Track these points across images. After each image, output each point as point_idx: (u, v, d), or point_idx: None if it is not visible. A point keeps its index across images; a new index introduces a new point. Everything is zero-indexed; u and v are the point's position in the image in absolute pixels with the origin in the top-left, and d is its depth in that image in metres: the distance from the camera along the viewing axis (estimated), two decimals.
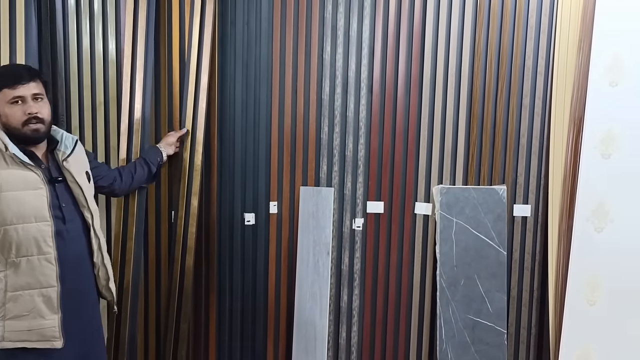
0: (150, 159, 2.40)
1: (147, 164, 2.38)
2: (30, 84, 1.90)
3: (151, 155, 2.42)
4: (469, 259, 2.60)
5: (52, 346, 1.89)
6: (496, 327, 2.59)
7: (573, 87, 2.56)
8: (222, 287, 2.67)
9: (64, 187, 1.98)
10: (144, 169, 2.38)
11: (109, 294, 2.15)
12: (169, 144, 2.47)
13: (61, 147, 2.00)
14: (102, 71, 2.51)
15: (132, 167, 2.36)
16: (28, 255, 1.87)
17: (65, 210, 1.95)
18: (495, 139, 2.63)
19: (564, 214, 2.55)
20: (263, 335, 2.73)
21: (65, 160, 1.99)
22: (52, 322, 1.89)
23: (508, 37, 2.59)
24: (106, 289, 2.13)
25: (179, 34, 2.54)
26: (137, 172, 2.36)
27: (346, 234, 2.71)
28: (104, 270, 2.09)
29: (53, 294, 1.90)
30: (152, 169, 2.40)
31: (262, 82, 2.61)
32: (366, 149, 2.67)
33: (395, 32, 2.62)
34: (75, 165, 2.02)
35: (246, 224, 2.66)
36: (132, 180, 2.35)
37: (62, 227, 1.93)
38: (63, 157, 1.99)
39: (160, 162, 2.44)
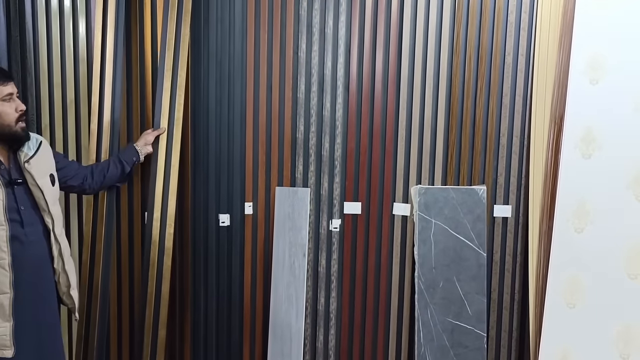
0: (124, 158, 2.34)
1: (120, 163, 2.33)
2: (12, 82, 1.89)
3: (126, 154, 2.36)
4: (447, 260, 2.55)
5: (2, 355, 1.83)
6: (476, 330, 2.54)
7: (554, 86, 2.50)
8: (196, 289, 2.62)
9: (24, 189, 1.92)
10: (117, 167, 2.32)
11: (70, 301, 2.08)
12: (147, 142, 2.41)
13: (24, 148, 1.94)
14: (72, 69, 2.48)
15: (106, 166, 2.31)
16: None
17: (24, 213, 1.89)
18: (474, 138, 2.58)
19: (544, 215, 2.50)
20: (239, 338, 2.68)
21: (27, 162, 1.92)
22: (4, 330, 1.83)
23: (487, 34, 2.54)
24: (67, 296, 2.06)
25: (151, 31, 2.50)
26: (109, 171, 2.30)
27: (323, 235, 2.65)
28: (64, 277, 2.02)
29: (5, 301, 1.84)
30: (125, 168, 2.35)
31: (236, 81, 2.56)
32: (343, 148, 2.61)
33: (372, 29, 2.57)
34: (37, 168, 1.95)
35: (221, 225, 2.61)
36: (104, 179, 2.30)
37: (20, 230, 1.87)
38: (25, 158, 1.92)
39: (135, 162, 2.39)
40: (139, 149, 2.39)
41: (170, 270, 2.46)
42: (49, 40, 2.45)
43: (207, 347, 2.65)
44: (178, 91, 2.42)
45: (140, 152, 2.39)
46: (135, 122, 2.53)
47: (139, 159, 2.39)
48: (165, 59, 2.41)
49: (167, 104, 2.43)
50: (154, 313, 2.44)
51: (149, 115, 2.53)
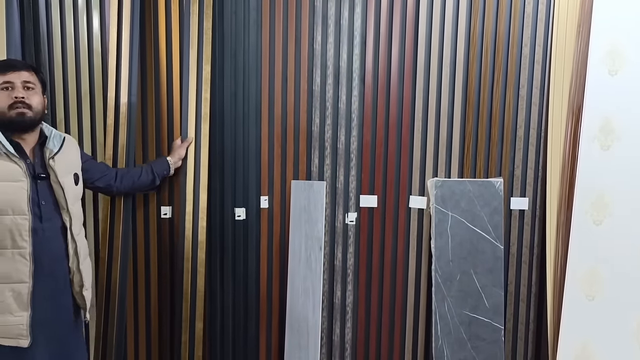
0: (157, 170, 2.38)
1: (153, 174, 2.37)
2: (22, 72, 1.89)
3: (159, 166, 2.39)
4: (464, 253, 2.54)
5: (18, 344, 1.84)
6: (493, 323, 2.53)
7: (571, 76, 2.48)
8: (212, 283, 2.61)
9: (46, 185, 1.93)
10: (148, 177, 2.36)
11: (82, 302, 2.06)
12: (181, 157, 2.45)
13: (49, 144, 1.96)
14: (86, 63, 2.46)
15: (137, 174, 2.34)
16: (2, 248, 1.83)
17: (44, 208, 1.90)
18: (491, 130, 2.56)
19: (562, 207, 2.48)
20: (255, 332, 2.68)
21: (52, 159, 1.94)
22: (21, 320, 1.85)
23: (504, 25, 2.51)
24: (79, 296, 2.05)
25: (165, 25, 2.47)
26: (140, 180, 2.34)
27: (339, 229, 2.64)
28: (78, 277, 2.02)
29: (24, 290, 1.85)
30: (156, 180, 2.39)
31: (251, 73, 2.55)
32: (359, 141, 2.60)
33: (388, 20, 2.54)
34: (61, 165, 1.97)
35: (237, 219, 2.60)
36: (133, 185, 2.33)
37: (39, 225, 1.88)
38: (50, 155, 1.94)
39: (166, 175, 2.42)
40: (171, 163, 2.42)
41: (204, 264, 2.47)
42: (62, 33, 2.43)
43: (224, 341, 2.65)
44: (204, 86, 2.42)
45: (172, 166, 2.42)
46: (150, 117, 2.52)
47: (169, 172, 2.43)
48: (190, 54, 2.40)
49: (194, 99, 2.43)
50: (191, 306, 2.46)
51: (163, 108, 2.51)
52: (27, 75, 1.90)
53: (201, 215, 2.46)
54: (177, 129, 2.51)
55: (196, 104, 2.45)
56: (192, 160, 2.46)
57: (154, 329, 2.61)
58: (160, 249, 2.58)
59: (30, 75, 1.92)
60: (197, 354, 2.48)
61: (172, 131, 2.52)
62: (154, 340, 2.62)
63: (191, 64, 2.43)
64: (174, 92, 2.50)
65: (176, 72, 2.50)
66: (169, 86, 2.50)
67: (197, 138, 2.46)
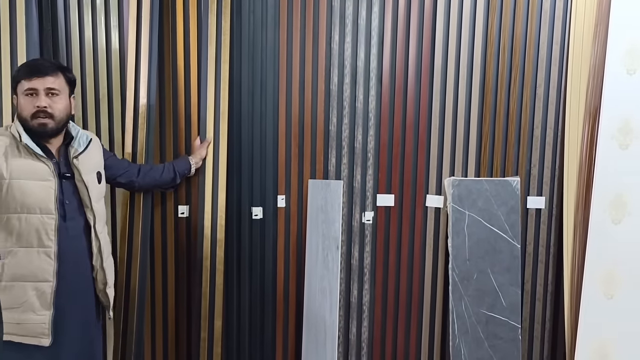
0: (179, 169, 2.39)
1: (174, 172, 2.37)
2: (47, 78, 1.87)
3: (181, 165, 2.40)
4: (481, 252, 2.54)
5: (39, 343, 1.85)
6: (510, 321, 2.53)
7: (589, 76, 2.49)
8: (229, 281, 2.61)
9: (71, 184, 1.94)
10: (170, 175, 2.37)
11: (105, 299, 2.08)
12: (202, 157, 2.46)
13: (74, 144, 1.97)
14: (105, 62, 2.46)
15: (159, 171, 2.34)
16: (27, 247, 1.84)
17: (68, 207, 1.91)
18: (508, 129, 2.57)
19: (579, 206, 2.49)
20: (272, 330, 2.68)
21: (76, 158, 1.95)
22: (43, 318, 1.85)
23: (522, 24, 2.52)
24: (103, 294, 2.07)
25: (183, 24, 2.48)
26: (162, 177, 2.35)
27: (356, 228, 2.65)
28: (102, 274, 2.03)
29: (48, 289, 1.86)
30: (177, 179, 2.40)
31: (269, 72, 2.55)
32: (376, 140, 2.60)
33: (405, 20, 2.55)
34: (85, 164, 1.98)
35: (254, 218, 2.60)
36: (154, 183, 2.34)
37: (63, 224, 1.90)
38: (74, 154, 1.95)
39: (186, 174, 2.43)
40: (193, 163, 2.42)
41: (223, 262, 2.48)
42: (81, 32, 2.43)
43: (241, 339, 2.66)
44: (222, 85, 2.42)
45: (193, 166, 2.43)
46: (168, 116, 2.52)
47: (190, 171, 2.43)
48: (208, 53, 2.41)
49: (212, 98, 2.44)
50: (210, 304, 2.47)
51: (180, 108, 2.51)
52: (51, 80, 1.88)
53: (220, 214, 2.47)
54: (195, 128, 2.51)
55: (214, 103, 2.46)
56: (211, 159, 2.47)
57: (170, 327, 2.61)
58: (177, 248, 2.59)
59: (55, 79, 1.89)
60: (216, 351, 2.48)
61: (190, 130, 2.53)
62: (171, 338, 2.62)
63: (209, 63, 2.44)
64: (192, 91, 2.51)
65: (194, 71, 2.50)
66: (187, 85, 2.50)
67: (216, 137, 2.47)
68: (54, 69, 1.91)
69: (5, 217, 1.83)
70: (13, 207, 1.82)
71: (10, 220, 1.83)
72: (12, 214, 1.83)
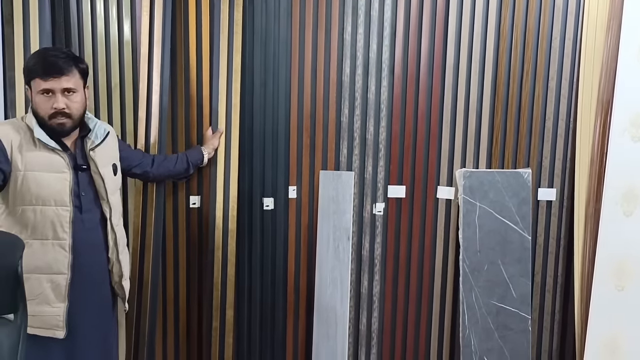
0: (192, 160, 2.38)
1: (187, 163, 2.37)
2: (62, 78, 1.82)
3: (194, 156, 2.40)
4: (492, 243, 2.55)
5: (54, 335, 1.85)
6: (520, 312, 2.55)
7: (601, 69, 2.48)
8: (240, 272, 2.63)
9: (86, 176, 1.94)
10: (183, 166, 2.36)
11: (121, 292, 2.10)
12: (214, 147, 2.46)
13: (91, 135, 1.96)
14: (117, 54, 2.45)
15: (172, 162, 2.34)
16: (42, 239, 1.84)
17: (84, 199, 1.91)
18: (520, 121, 2.57)
19: (591, 198, 2.50)
20: (282, 321, 2.70)
21: (92, 150, 1.94)
22: (58, 311, 1.85)
23: (534, 17, 2.51)
24: (118, 286, 2.08)
25: (196, 15, 2.47)
26: (175, 168, 2.34)
27: (367, 219, 2.66)
28: (117, 267, 2.04)
29: (62, 281, 1.86)
30: (190, 170, 2.40)
31: (281, 64, 2.55)
32: (387, 131, 2.60)
33: (418, 11, 2.54)
34: (102, 156, 1.97)
35: (265, 209, 2.61)
36: (168, 173, 2.34)
37: (79, 216, 1.90)
38: (91, 146, 1.94)
39: (199, 164, 2.43)
40: (205, 154, 2.42)
41: (235, 253, 2.49)
42: (93, 24, 2.42)
43: (251, 329, 2.67)
44: (234, 76, 2.42)
45: (206, 157, 2.43)
46: (180, 107, 2.52)
47: (202, 162, 2.43)
48: (220, 44, 2.41)
49: (225, 89, 2.44)
50: (222, 294, 2.48)
51: (193, 100, 2.51)
52: (67, 79, 1.83)
53: (231, 205, 2.48)
54: (207, 119, 2.52)
55: (226, 94, 2.46)
56: (223, 150, 2.47)
57: (182, 317, 2.63)
58: (189, 238, 2.60)
59: (71, 77, 1.84)
60: (228, 341, 2.50)
61: (202, 122, 2.53)
62: (183, 328, 2.64)
63: (221, 54, 2.44)
64: (204, 83, 2.50)
65: (206, 63, 2.50)
66: (199, 76, 2.50)
67: (228, 128, 2.47)
68: (69, 65, 1.85)
69: (20, 209, 1.83)
70: (28, 199, 1.82)
71: (25, 212, 1.83)
72: (27, 206, 1.83)
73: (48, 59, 1.83)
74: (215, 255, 2.47)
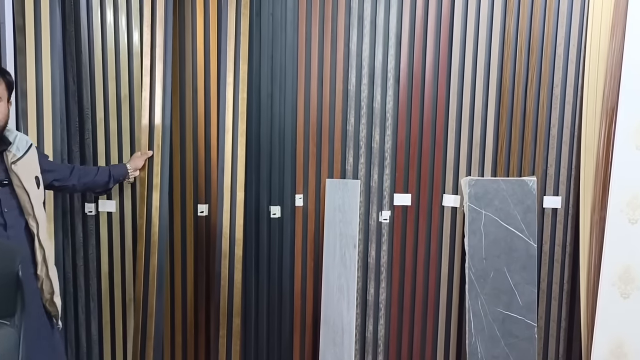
0: (114, 173, 2.36)
1: (109, 177, 2.34)
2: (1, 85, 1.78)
3: (118, 171, 2.38)
4: (498, 251, 2.56)
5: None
6: (526, 320, 2.55)
7: (605, 76, 2.50)
8: (247, 279, 2.65)
9: (9, 191, 1.84)
10: (104, 179, 2.32)
11: (54, 308, 1.99)
12: (136, 167, 2.43)
13: (12, 149, 1.86)
14: (126, 63, 2.50)
15: (93, 173, 2.29)
16: None
17: (8, 216, 1.82)
18: (525, 129, 2.58)
19: (596, 206, 2.50)
20: (289, 328, 2.72)
21: (14, 164, 1.84)
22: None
23: (539, 25, 2.53)
24: (50, 303, 1.97)
25: (204, 25, 2.51)
26: (95, 179, 2.29)
27: (373, 227, 2.67)
28: (48, 284, 1.94)
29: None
30: (110, 183, 2.36)
31: (288, 73, 2.58)
32: (393, 140, 2.63)
33: (423, 20, 2.57)
34: (24, 170, 1.88)
35: (272, 217, 2.64)
36: (88, 185, 2.28)
37: (3, 233, 1.81)
38: (12, 159, 1.85)
39: (122, 180, 2.42)
40: (130, 172, 2.41)
41: (241, 260, 2.51)
42: (103, 34, 2.47)
43: (258, 336, 2.69)
44: (241, 85, 2.46)
45: (130, 173, 2.42)
46: (188, 116, 2.56)
47: (128, 178, 2.42)
48: (227, 53, 2.44)
49: (231, 98, 2.47)
50: (228, 302, 2.50)
51: (200, 109, 2.55)
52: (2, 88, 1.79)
53: (238, 213, 2.50)
54: (215, 128, 2.55)
55: (233, 103, 2.49)
56: (230, 158, 2.50)
57: (189, 324, 2.66)
58: (197, 246, 2.63)
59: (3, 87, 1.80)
60: (235, 348, 2.52)
61: (209, 130, 2.57)
62: (190, 335, 2.66)
63: (229, 63, 2.47)
64: (212, 91, 2.54)
65: (214, 71, 2.54)
66: (206, 85, 2.54)
67: (235, 137, 2.50)
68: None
69: None
70: None
71: None
72: None
73: None
74: (222, 263, 2.50)
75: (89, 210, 2.53)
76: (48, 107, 2.33)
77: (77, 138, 2.50)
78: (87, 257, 2.56)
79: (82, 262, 2.55)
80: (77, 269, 2.55)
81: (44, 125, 2.33)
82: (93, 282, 2.57)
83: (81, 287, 2.56)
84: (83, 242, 2.55)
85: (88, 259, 2.56)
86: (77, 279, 2.56)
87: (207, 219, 2.62)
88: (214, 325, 2.54)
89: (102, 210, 2.54)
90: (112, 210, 2.54)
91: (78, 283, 2.56)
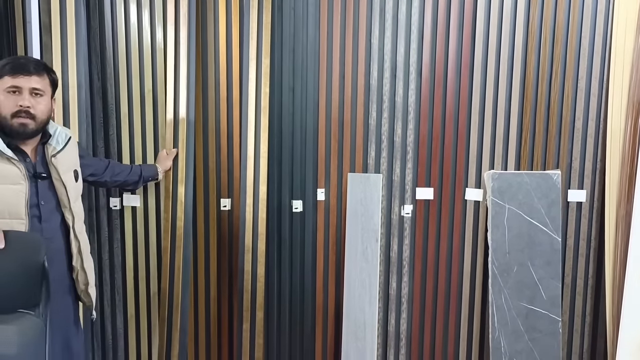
0: (145, 174, 2.41)
1: (140, 177, 2.39)
2: (32, 77, 1.80)
3: (148, 171, 2.43)
4: (521, 245, 2.54)
5: None
6: (550, 314, 2.53)
7: (631, 69, 2.46)
8: (270, 274, 2.66)
9: (47, 184, 1.88)
10: (134, 179, 2.38)
11: (88, 299, 2.04)
12: (165, 168, 2.48)
13: (52, 142, 1.90)
14: (150, 59, 2.52)
15: (126, 172, 2.36)
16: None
17: (44, 208, 1.85)
18: (549, 122, 2.56)
19: (622, 199, 2.47)
20: (311, 322, 2.73)
21: (54, 157, 1.88)
22: None
23: (563, 17, 2.50)
24: (85, 294, 2.02)
25: (225, 19, 2.52)
26: (127, 178, 2.35)
27: (395, 221, 2.67)
28: (83, 275, 1.98)
29: None
30: (139, 183, 2.41)
31: (309, 67, 2.58)
32: (415, 134, 2.62)
33: (446, 13, 2.55)
34: (63, 163, 1.91)
35: (294, 211, 2.65)
36: (120, 183, 2.34)
37: (37, 226, 1.83)
38: (53, 152, 1.89)
39: (150, 180, 2.47)
40: (160, 171, 2.46)
41: (264, 255, 2.53)
42: (127, 30, 2.50)
43: (281, 330, 2.71)
44: (263, 79, 2.46)
45: (160, 174, 2.47)
46: (210, 111, 2.57)
47: (157, 178, 2.47)
48: (250, 48, 2.45)
49: (254, 93, 2.48)
50: (252, 296, 2.52)
51: (223, 104, 2.57)
52: (36, 80, 1.81)
53: (261, 207, 2.51)
54: (237, 122, 2.57)
55: (255, 97, 2.50)
56: (252, 153, 2.51)
57: (213, 318, 2.68)
58: (220, 241, 2.65)
59: (40, 79, 1.82)
60: (258, 342, 2.54)
61: (232, 125, 2.58)
62: (214, 329, 2.69)
63: (251, 58, 2.48)
64: (234, 86, 2.55)
65: (236, 66, 2.55)
66: (228, 80, 2.55)
67: (257, 131, 2.51)
68: (40, 68, 1.84)
69: None
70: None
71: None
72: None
73: (20, 60, 1.83)
74: (245, 257, 2.51)
75: (113, 205, 2.56)
76: (74, 103, 2.36)
77: (102, 134, 2.53)
78: (112, 251, 2.59)
79: (107, 256, 2.59)
80: (102, 263, 2.59)
81: (69, 120, 2.36)
82: (118, 275, 2.60)
83: (107, 280, 2.60)
84: (108, 236, 2.58)
85: (113, 253, 2.59)
86: (102, 272, 2.60)
87: (230, 214, 2.64)
88: (237, 319, 2.56)
89: (127, 205, 2.57)
90: (136, 205, 2.57)
91: (104, 277, 2.60)
